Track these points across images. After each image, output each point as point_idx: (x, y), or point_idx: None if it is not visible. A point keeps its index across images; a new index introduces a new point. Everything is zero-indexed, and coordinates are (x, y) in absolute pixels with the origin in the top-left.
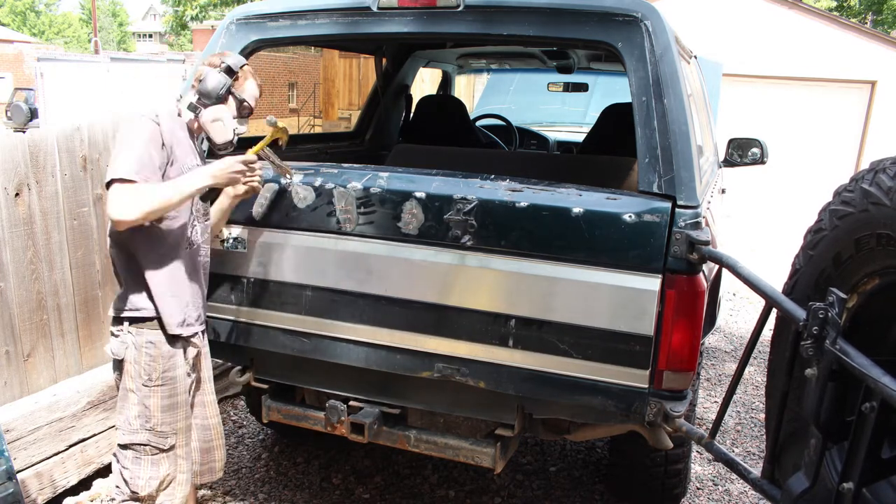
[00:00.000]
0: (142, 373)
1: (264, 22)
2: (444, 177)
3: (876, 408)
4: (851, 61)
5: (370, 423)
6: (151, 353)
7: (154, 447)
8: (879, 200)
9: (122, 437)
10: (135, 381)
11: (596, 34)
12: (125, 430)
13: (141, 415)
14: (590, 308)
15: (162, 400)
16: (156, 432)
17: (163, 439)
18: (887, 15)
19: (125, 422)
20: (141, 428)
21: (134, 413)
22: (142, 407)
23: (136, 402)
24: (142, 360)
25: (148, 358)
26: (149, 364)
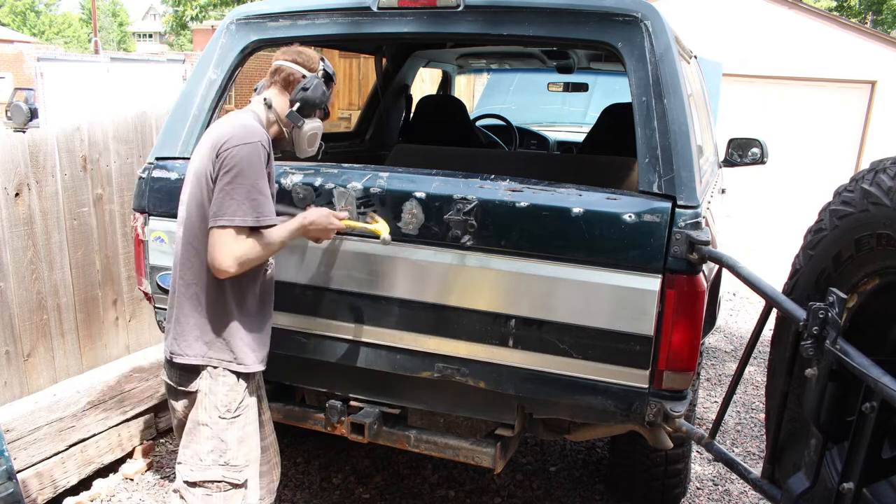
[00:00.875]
0: (219, 405)
1: (264, 22)
2: (444, 177)
3: (876, 408)
4: (851, 61)
5: (370, 423)
6: (230, 382)
7: (228, 483)
8: (879, 200)
9: (190, 473)
10: (209, 414)
11: (596, 34)
12: (195, 467)
13: (215, 449)
14: (590, 308)
15: (238, 432)
16: (230, 467)
17: (237, 473)
18: (887, 15)
19: (194, 457)
20: (214, 463)
21: (207, 448)
22: (217, 441)
23: (209, 437)
24: (219, 391)
25: (226, 388)
26: (226, 395)
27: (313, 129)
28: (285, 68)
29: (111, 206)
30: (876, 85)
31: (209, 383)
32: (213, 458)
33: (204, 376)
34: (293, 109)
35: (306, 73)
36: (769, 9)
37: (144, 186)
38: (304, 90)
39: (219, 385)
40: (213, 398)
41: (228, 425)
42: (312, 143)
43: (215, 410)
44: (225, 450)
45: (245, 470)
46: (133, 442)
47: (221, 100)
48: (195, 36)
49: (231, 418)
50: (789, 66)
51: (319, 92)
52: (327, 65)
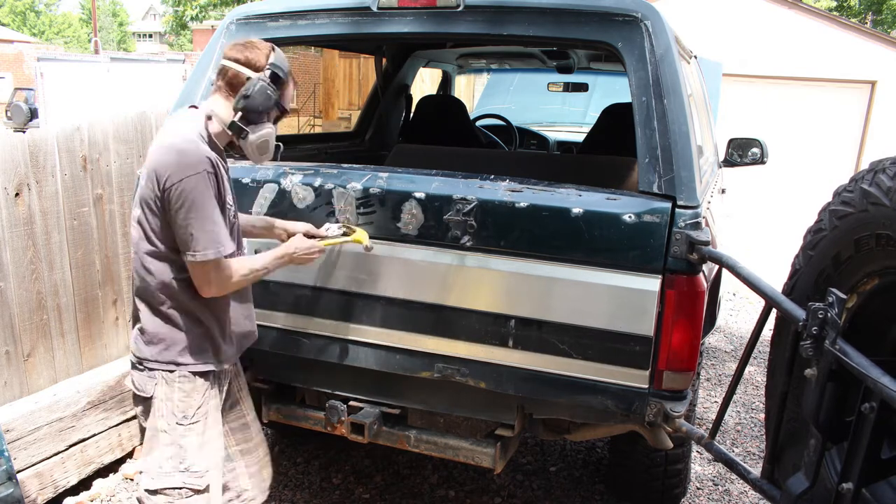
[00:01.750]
0: (175, 411)
1: (264, 22)
2: (444, 177)
3: (875, 408)
4: (851, 61)
5: (370, 423)
6: (185, 388)
7: (189, 489)
8: (879, 201)
9: (150, 482)
10: (167, 421)
11: (596, 34)
12: (154, 475)
13: (175, 456)
14: (590, 308)
15: (198, 437)
16: (190, 473)
17: (198, 479)
18: (887, 15)
19: (154, 465)
20: (174, 470)
21: (166, 455)
22: (175, 448)
23: (168, 443)
24: (175, 397)
25: (182, 394)
26: (183, 401)
27: (260, 136)
28: (229, 69)
29: (111, 206)
30: (876, 85)
31: (165, 390)
32: (172, 464)
33: (160, 382)
34: (234, 120)
35: (251, 73)
36: (769, 9)
37: None
38: (245, 97)
39: (174, 391)
40: (169, 404)
41: (186, 431)
42: (263, 151)
43: (172, 417)
44: (184, 456)
45: (206, 475)
46: (133, 442)
47: None
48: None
49: (189, 424)
50: (789, 66)
51: (264, 97)
52: (277, 58)
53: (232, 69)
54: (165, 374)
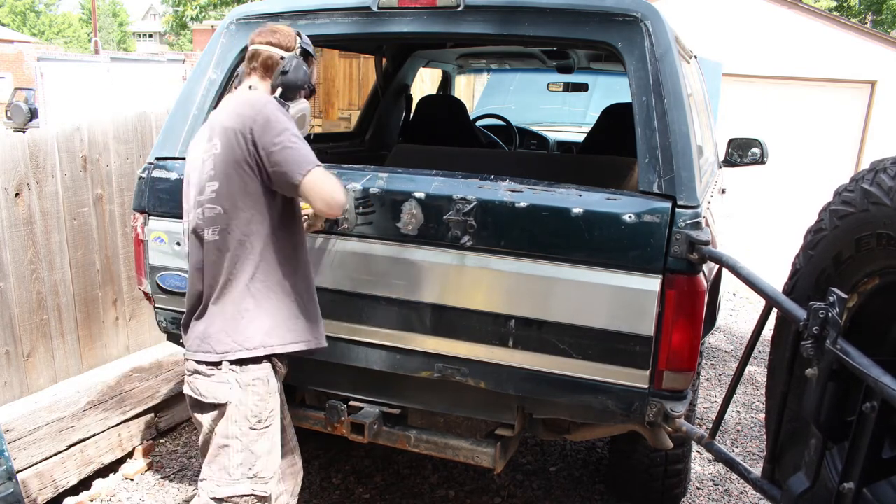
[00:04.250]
0: (249, 416)
1: (264, 22)
2: (444, 177)
3: (876, 408)
4: (851, 61)
5: (370, 423)
6: (260, 391)
7: (255, 496)
8: (880, 200)
9: (217, 489)
10: (240, 426)
11: (596, 34)
12: (223, 482)
13: (244, 462)
14: (590, 308)
15: (268, 442)
16: (258, 479)
17: (265, 486)
18: (887, 15)
19: (222, 472)
20: (243, 477)
21: (236, 462)
22: (247, 453)
23: (239, 450)
24: (249, 401)
25: (256, 398)
26: (257, 405)
27: (300, 111)
28: (261, 52)
29: (111, 206)
30: (876, 85)
31: (239, 394)
32: (242, 471)
33: (233, 387)
34: (275, 95)
35: (284, 53)
36: (769, 9)
37: (144, 186)
38: (284, 73)
39: (248, 395)
40: (243, 409)
41: (259, 436)
42: (301, 125)
43: (246, 422)
44: (254, 462)
45: (271, 482)
46: (133, 442)
47: (221, 100)
48: (195, 36)
49: (262, 429)
50: (789, 66)
51: (301, 72)
52: (304, 40)
53: (265, 51)
54: (239, 378)
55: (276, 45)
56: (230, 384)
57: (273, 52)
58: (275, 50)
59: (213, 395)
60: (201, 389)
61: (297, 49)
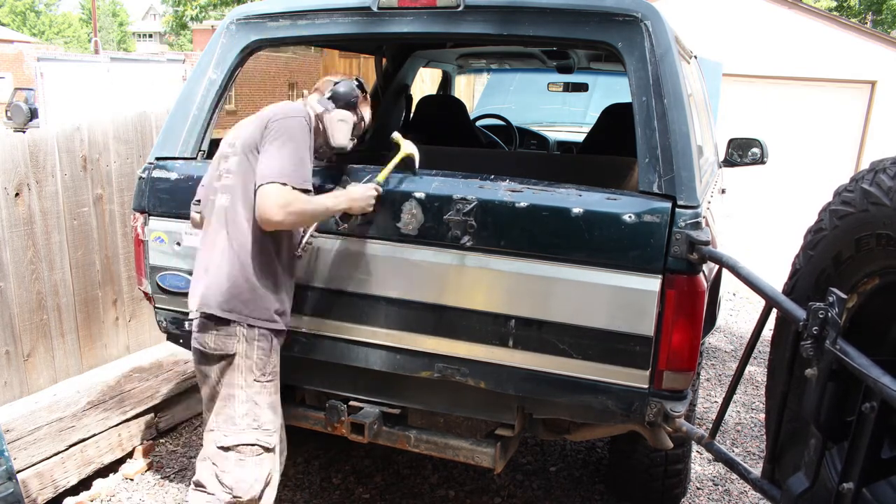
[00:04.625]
0: (254, 367)
1: (264, 22)
2: (444, 177)
3: (876, 408)
4: (851, 61)
5: (370, 423)
6: (264, 346)
7: (261, 446)
8: (879, 200)
9: (224, 438)
10: (245, 377)
11: (596, 34)
12: (228, 431)
13: (249, 413)
14: (590, 308)
15: (269, 396)
16: (263, 430)
17: (269, 437)
18: (887, 15)
19: (228, 421)
20: (248, 427)
21: (242, 411)
22: (251, 404)
23: (244, 400)
24: (254, 355)
25: (261, 352)
26: (261, 358)
27: (342, 116)
28: (323, 82)
29: (111, 206)
30: (876, 85)
31: (245, 347)
32: (247, 421)
33: (240, 339)
34: (324, 97)
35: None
36: (769, 9)
37: (144, 186)
38: (335, 84)
39: (254, 349)
40: (248, 361)
41: (262, 388)
42: (342, 131)
43: (251, 374)
44: (258, 413)
45: (274, 435)
46: (133, 442)
47: (221, 100)
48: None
49: (265, 381)
50: (789, 66)
51: (349, 88)
52: (360, 80)
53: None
54: (246, 332)
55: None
56: (237, 337)
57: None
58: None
59: (222, 348)
60: (210, 343)
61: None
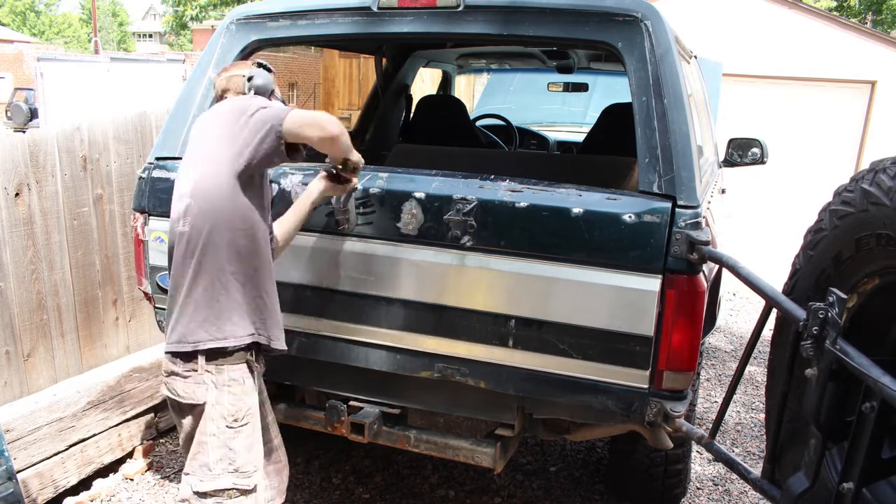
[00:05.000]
0: (225, 414)
1: (264, 22)
2: (444, 177)
3: (876, 408)
4: (851, 61)
5: (370, 423)
6: (235, 391)
7: (238, 490)
8: (879, 200)
9: (200, 484)
10: (216, 425)
11: (596, 34)
12: (204, 477)
13: (224, 458)
14: (590, 308)
15: (246, 439)
16: (240, 473)
17: (247, 479)
18: (887, 15)
19: (203, 468)
20: (224, 472)
21: (216, 457)
22: (225, 450)
23: (217, 446)
24: (225, 401)
25: (232, 398)
26: (233, 404)
27: None
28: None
29: (111, 206)
30: (876, 85)
31: (215, 394)
32: (222, 466)
33: (209, 387)
34: None
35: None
36: (769, 9)
37: (144, 186)
38: (251, 79)
39: (223, 395)
40: (219, 408)
41: (235, 434)
42: None
43: (222, 420)
44: (234, 458)
45: (254, 475)
46: (133, 442)
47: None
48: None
49: (239, 426)
50: (789, 66)
51: (264, 77)
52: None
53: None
54: (215, 379)
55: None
56: (206, 385)
57: (234, 74)
58: (235, 72)
59: (191, 396)
60: (178, 390)
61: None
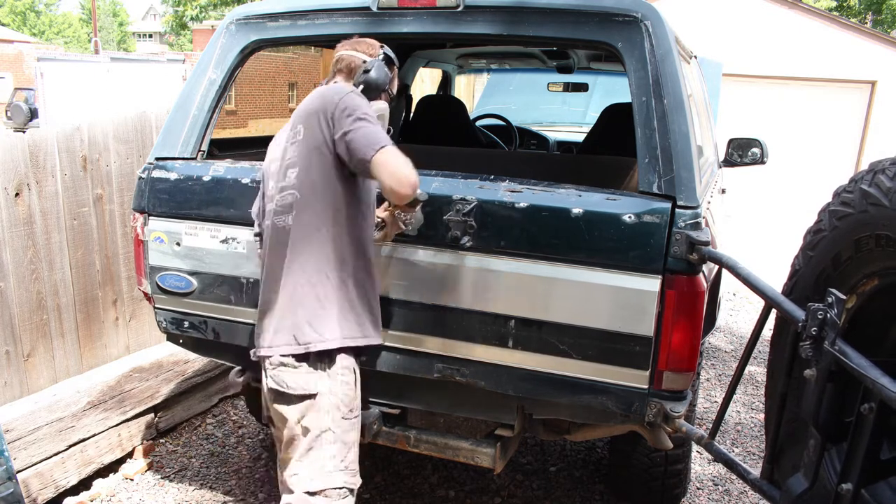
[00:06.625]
0: (341, 405)
1: (264, 22)
2: (444, 177)
3: (875, 408)
4: (851, 61)
5: (370, 423)
6: (348, 380)
7: (347, 489)
8: (879, 201)
9: (310, 483)
10: (332, 417)
11: (596, 34)
12: (316, 476)
13: (338, 454)
14: (590, 309)
15: (357, 432)
16: (350, 471)
17: (354, 478)
18: (887, 15)
19: (316, 465)
20: (335, 469)
21: (330, 453)
22: (340, 445)
23: (332, 441)
24: (339, 391)
25: (346, 387)
26: (347, 394)
27: (379, 109)
28: (345, 57)
29: (111, 206)
30: (876, 85)
31: (328, 384)
32: (334, 463)
33: (321, 377)
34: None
35: (366, 58)
36: (769, 9)
37: (144, 186)
38: (366, 72)
39: (338, 384)
40: (333, 399)
41: (351, 426)
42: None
43: (338, 411)
44: (346, 453)
45: (357, 474)
46: (133, 442)
47: (221, 100)
48: (195, 36)
49: (353, 418)
50: (789, 66)
51: (382, 73)
52: (387, 50)
53: (347, 56)
54: (328, 369)
55: (359, 51)
56: (319, 374)
57: (356, 55)
58: (358, 54)
59: (303, 387)
60: (289, 381)
61: (379, 55)
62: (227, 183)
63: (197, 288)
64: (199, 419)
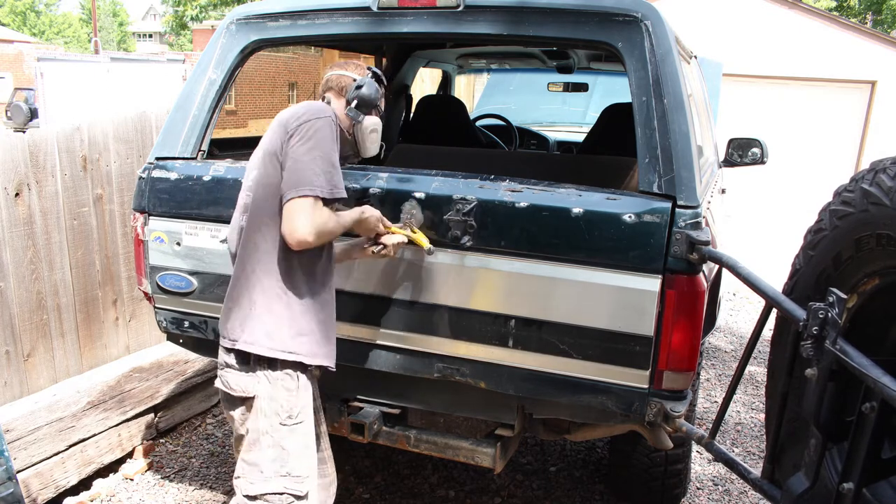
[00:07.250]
0: (279, 410)
1: (264, 22)
2: (444, 177)
3: (876, 408)
4: (851, 61)
5: (370, 423)
6: (289, 385)
7: (290, 495)
8: (879, 200)
9: (249, 486)
10: (270, 421)
11: (596, 34)
12: (255, 479)
13: (277, 459)
14: (590, 308)
15: (301, 438)
16: (292, 477)
17: (299, 485)
18: (887, 15)
19: (253, 468)
20: (276, 474)
21: (268, 458)
22: (278, 450)
23: (269, 445)
24: (279, 396)
25: (286, 392)
26: (287, 400)
27: (373, 125)
28: (335, 77)
29: (111, 206)
30: (876, 85)
31: (268, 388)
32: (274, 468)
33: (261, 381)
34: (351, 106)
35: (356, 76)
36: (769, 9)
37: (144, 186)
38: (359, 88)
39: (277, 389)
40: (273, 404)
41: (290, 432)
42: (374, 141)
43: (276, 417)
44: (287, 459)
45: (306, 481)
46: (133, 442)
47: (221, 100)
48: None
49: (293, 424)
50: (789, 66)
51: (374, 89)
52: (374, 69)
53: (337, 76)
54: (268, 373)
55: (349, 72)
56: (258, 377)
57: (346, 74)
58: (348, 73)
59: (243, 388)
60: (231, 382)
61: (368, 74)
62: (228, 183)
63: (197, 288)
64: (199, 419)
